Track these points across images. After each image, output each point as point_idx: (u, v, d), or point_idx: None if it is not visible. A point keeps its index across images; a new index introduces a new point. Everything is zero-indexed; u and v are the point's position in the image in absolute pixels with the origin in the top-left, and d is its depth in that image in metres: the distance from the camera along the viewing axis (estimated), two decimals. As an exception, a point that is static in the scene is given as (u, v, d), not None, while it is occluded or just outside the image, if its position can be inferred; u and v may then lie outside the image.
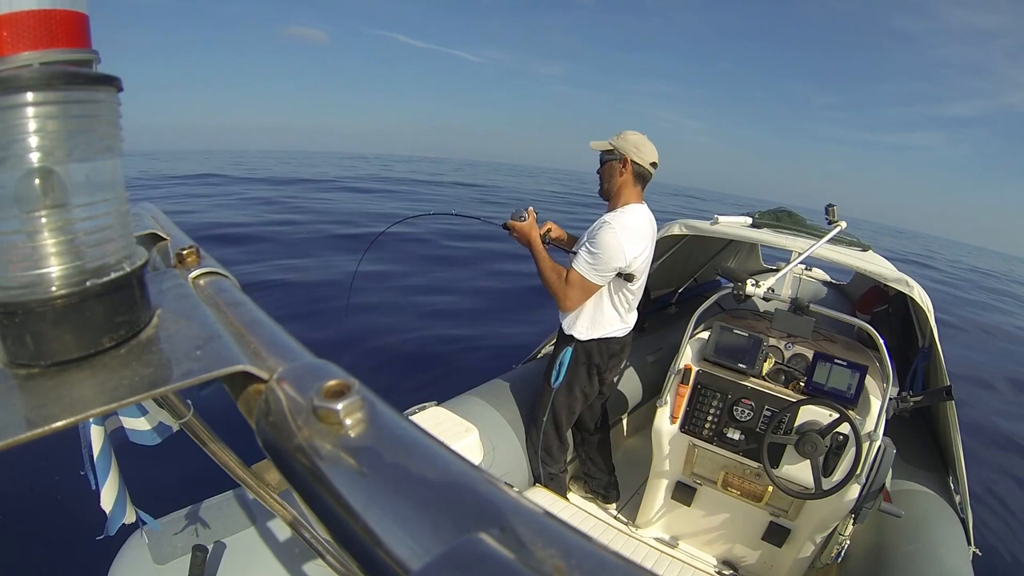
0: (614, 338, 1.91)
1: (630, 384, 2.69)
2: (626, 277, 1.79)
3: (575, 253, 1.80)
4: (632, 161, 1.78)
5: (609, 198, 1.86)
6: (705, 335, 1.98)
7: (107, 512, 0.66)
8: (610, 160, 1.81)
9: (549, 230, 1.96)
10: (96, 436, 0.61)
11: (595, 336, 1.89)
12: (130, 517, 0.70)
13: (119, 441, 0.67)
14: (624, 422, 2.83)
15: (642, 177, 1.82)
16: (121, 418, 0.64)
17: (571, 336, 1.90)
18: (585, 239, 1.80)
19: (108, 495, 0.65)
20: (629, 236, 1.74)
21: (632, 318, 1.96)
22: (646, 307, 2.07)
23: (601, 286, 1.79)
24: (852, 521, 1.68)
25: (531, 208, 1.86)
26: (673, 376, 1.95)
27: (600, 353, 1.91)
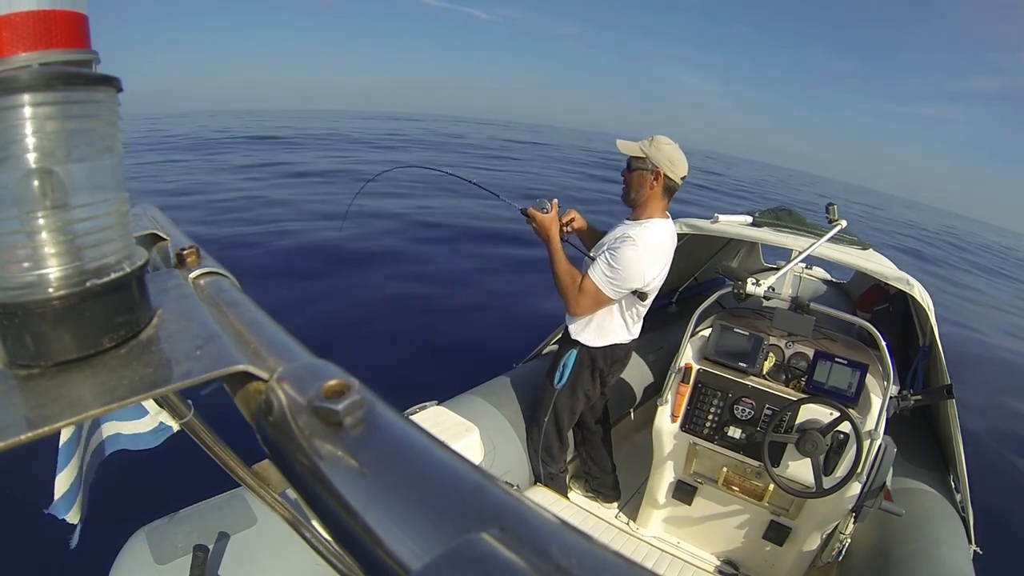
0: (619, 345, 1.91)
1: (631, 383, 2.69)
2: (639, 295, 1.76)
3: (593, 259, 1.75)
4: (664, 175, 1.71)
5: (634, 207, 1.80)
6: (706, 334, 1.98)
7: (55, 496, 0.64)
8: (640, 169, 1.73)
9: (572, 219, 1.87)
10: (65, 434, 0.59)
11: (601, 344, 1.88)
12: (73, 518, 0.67)
13: (113, 450, 0.66)
14: (625, 421, 2.83)
15: (671, 191, 1.77)
16: (120, 423, 0.63)
17: (577, 341, 1.89)
18: (606, 248, 1.73)
19: (61, 484, 0.63)
20: (651, 257, 1.70)
21: (638, 328, 1.94)
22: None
23: (614, 300, 1.77)
24: (853, 520, 1.68)
25: (555, 200, 1.78)
26: (674, 375, 1.95)
27: (605, 359, 1.91)
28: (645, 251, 1.68)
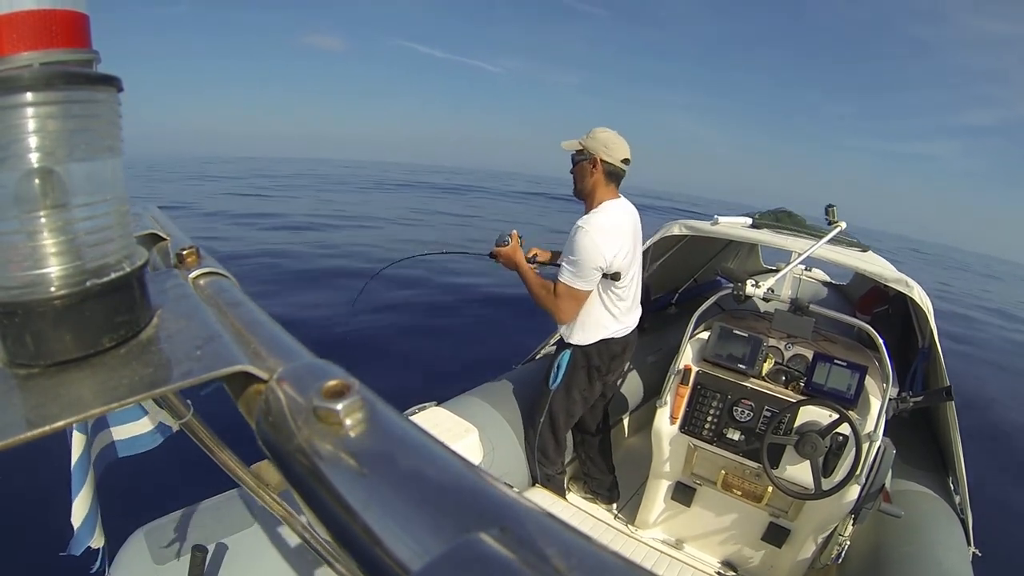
0: (614, 339, 1.91)
1: (630, 385, 2.69)
2: (612, 276, 1.78)
3: (559, 265, 1.81)
4: (602, 160, 1.77)
5: (584, 198, 1.86)
6: (705, 335, 1.98)
7: (75, 528, 0.62)
8: (581, 160, 1.81)
9: (535, 256, 1.99)
10: (77, 444, 0.59)
11: (592, 340, 1.88)
12: (97, 542, 0.65)
13: (114, 457, 0.65)
14: (624, 422, 2.83)
15: (615, 175, 1.82)
16: (117, 427, 0.62)
17: (569, 343, 1.90)
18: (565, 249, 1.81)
19: (79, 510, 0.62)
20: (604, 236, 1.73)
21: (631, 318, 1.95)
22: (647, 306, 2.07)
23: (590, 291, 1.79)
24: (852, 521, 1.67)
25: (515, 231, 1.89)
26: (673, 376, 1.95)
27: (600, 355, 1.91)
28: (596, 232, 1.72)
